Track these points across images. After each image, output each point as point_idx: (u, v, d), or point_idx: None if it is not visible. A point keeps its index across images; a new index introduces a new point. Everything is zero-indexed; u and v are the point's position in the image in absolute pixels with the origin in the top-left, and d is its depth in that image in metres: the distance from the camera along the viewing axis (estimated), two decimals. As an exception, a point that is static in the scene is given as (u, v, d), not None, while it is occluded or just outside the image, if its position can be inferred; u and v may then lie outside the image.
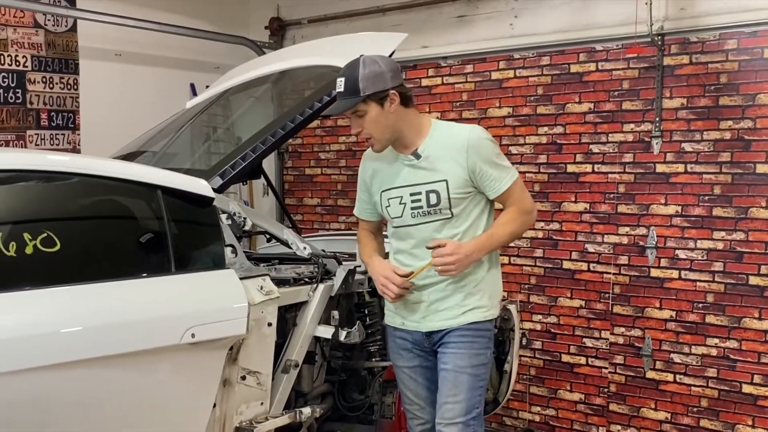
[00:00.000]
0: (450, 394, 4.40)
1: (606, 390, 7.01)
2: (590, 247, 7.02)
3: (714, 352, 6.49)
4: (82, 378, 3.84)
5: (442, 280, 4.40)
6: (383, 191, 4.54)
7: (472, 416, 4.40)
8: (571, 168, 7.09)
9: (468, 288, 4.43)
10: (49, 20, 7.32)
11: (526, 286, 7.36)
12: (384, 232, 4.89)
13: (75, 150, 7.52)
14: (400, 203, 4.45)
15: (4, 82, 7.01)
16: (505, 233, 4.46)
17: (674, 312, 6.65)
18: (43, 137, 7.31)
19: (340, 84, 4.29)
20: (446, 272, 4.28)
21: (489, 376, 4.73)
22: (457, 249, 4.25)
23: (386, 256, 4.72)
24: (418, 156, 4.39)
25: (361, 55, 4.34)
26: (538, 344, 7.33)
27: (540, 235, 7.27)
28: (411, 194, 4.42)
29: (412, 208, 4.41)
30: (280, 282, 4.93)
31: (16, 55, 7.11)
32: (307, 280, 5.15)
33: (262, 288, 4.63)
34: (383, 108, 4.29)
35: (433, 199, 4.36)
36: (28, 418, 3.70)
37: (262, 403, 4.75)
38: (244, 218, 5.04)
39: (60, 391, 3.78)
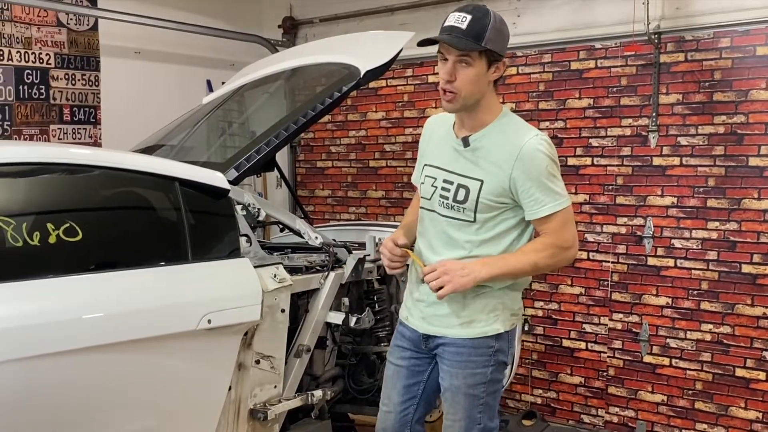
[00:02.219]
0: (449, 412, 3.98)
1: (605, 373, 7.01)
2: (590, 237, 7.00)
3: (708, 337, 6.47)
4: (103, 362, 3.84)
5: None
6: (426, 164, 4.02)
7: None
8: (571, 161, 7.07)
9: (468, 296, 3.85)
10: (71, 19, 7.31)
11: (528, 274, 7.34)
12: None
13: (96, 144, 7.51)
14: (432, 185, 3.93)
15: (28, 78, 7.01)
16: (526, 262, 3.78)
17: (670, 299, 6.64)
18: (65, 131, 7.31)
19: (462, 20, 3.65)
20: (439, 290, 3.69)
21: (498, 388, 4.06)
22: (441, 265, 3.74)
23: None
24: (467, 144, 3.83)
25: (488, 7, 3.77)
26: (539, 330, 7.32)
27: (541, 225, 7.24)
28: (444, 180, 3.87)
29: (441, 196, 3.88)
30: (292, 270, 4.93)
31: (40, 53, 7.10)
32: (318, 268, 5.15)
33: (275, 276, 4.63)
34: (488, 71, 3.73)
35: (461, 194, 3.80)
36: (51, 401, 3.70)
37: (275, 386, 4.75)
38: (258, 209, 5.02)
39: (82, 375, 3.78)
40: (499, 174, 3.74)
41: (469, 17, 3.67)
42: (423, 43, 3.81)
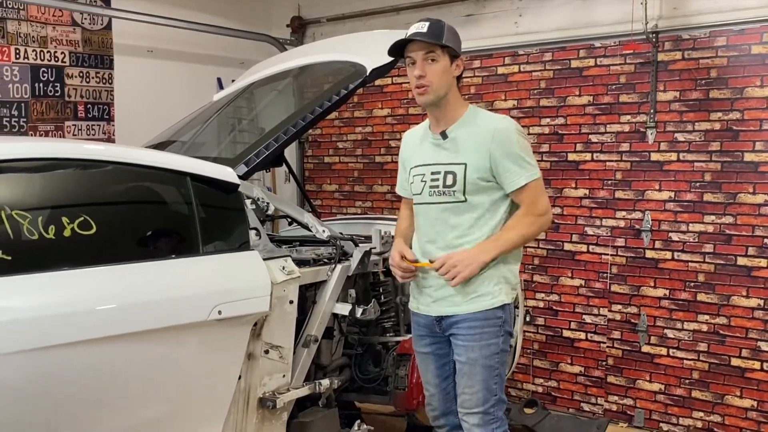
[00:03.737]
0: (466, 385, 4.18)
1: (604, 363, 7.00)
2: (589, 230, 6.99)
3: (705, 327, 6.46)
4: (116, 352, 3.83)
5: None
6: (411, 168, 4.36)
7: (491, 404, 4.17)
8: (571, 156, 7.06)
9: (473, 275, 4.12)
10: (85, 19, 7.31)
11: (530, 266, 7.34)
12: None
13: (110, 140, 7.52)
14: (422, 180, 4.25)
15: (44, 76, 7.02)
16: (515, 236, 4.13)
17: (668, 290, 6.63)
18: (80, 128, 7.31)
19: (423, 26, 4.12)
20: (454, 279, 4.06)
21: (508, 359, 4.40)
22: (448, 259, 4.08)
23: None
24: (445, 136, 4.19)
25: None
26: (541, 320, 7.31)
27: (542, 218, 7.24)
28: (432, 173, 4.21)
29: (431, 187, 4.20)
30: (300, 262, 4.92)
31: (56, 52, 7.10)
32: (325, 260, 5.14)
33: (284, 268, 4.62)
34: (451, 66, 4.14)
35: (449, 180, 4.14)
36: (66, 390, 3.70)
37: (284, 376, 4.74)
38: (267, 203, 5.02)
39: (96, 365, 3.77)
40: (478, 155, 4.10)
41: (427, 23, 4.16)
42: (393, 51, 4.31)
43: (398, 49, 4.25)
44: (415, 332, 4.48)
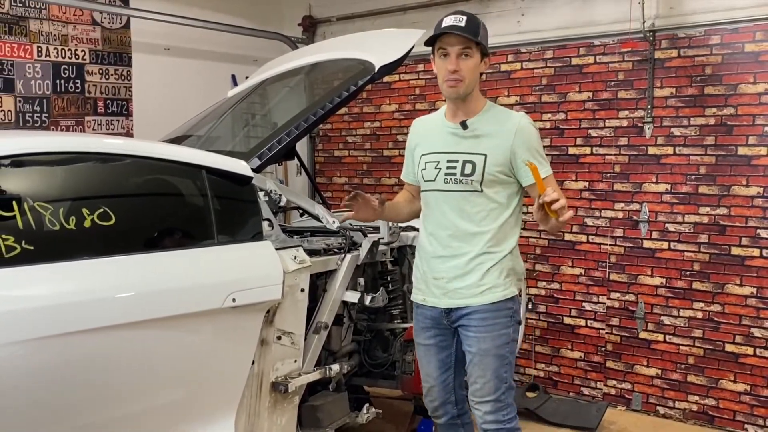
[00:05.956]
0: (478, 375, 4.11)
1: (603, 349, 6.99)
2: (589, 221, 6.98)
3: (700, 315, 6.46)
4: (134, 338, 3.83)
5: (460, 254, 4.11)
6: (423, 155, 4.24)
7: (502, 392, 4.11)
8: (572, 150, 7.05)
9: (486, 266, 4.07)
10: (105, 18, 7.30)
11: (532, 256, 7.33)
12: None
13: (128, 134, 7.52)
14: (436, 168, 4.14)
15: (65, 73, 7.01)
16: None
17: (664, 279, 6.62)
18: (99, 123, 7.31)
19: (460, 20, 4.00)
20: (562, 205, 3.61)
21: (517, 348, 4.35)
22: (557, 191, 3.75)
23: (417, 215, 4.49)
24: (465, 126, 4.10)
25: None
26: (542, 308, 7.30)
27: (544, 210, 7.23)
28: (448, 161, 4.11)
29: (446, 174, 4.10)
30: (311, 252, 4.92)
31: (76, 50, 7.10)
32: (335, 250, 5.14)
33: (295, 257, 4.61)
34: (480, 62, 4.09)
35: (468, 168, 4.05)
36: (87, 375, 3.70)
37: (295, 361, 4.74)
38: (280, 195, 5.01)
39: (116, 350, 3.77)
40: (499, 148, 4.04)
41: (465, 17, 4.04)
42: (430, 41, 4.12)
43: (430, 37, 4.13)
44: (418, 324, 4.37)
